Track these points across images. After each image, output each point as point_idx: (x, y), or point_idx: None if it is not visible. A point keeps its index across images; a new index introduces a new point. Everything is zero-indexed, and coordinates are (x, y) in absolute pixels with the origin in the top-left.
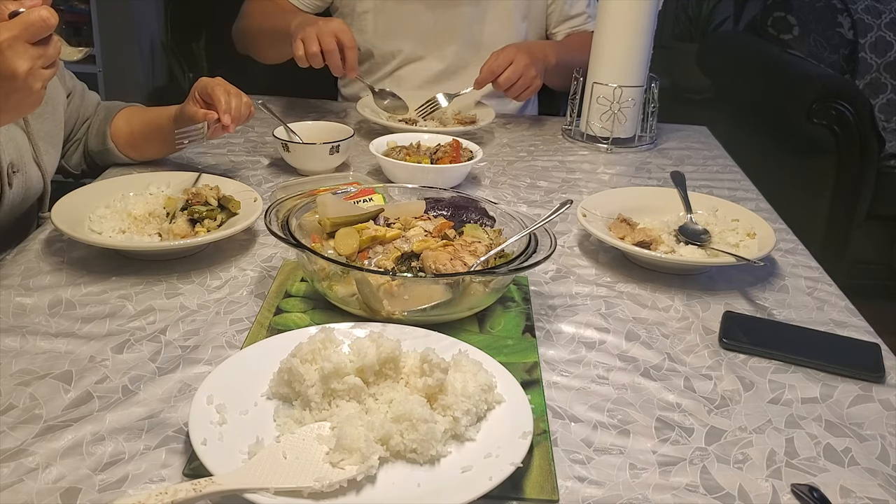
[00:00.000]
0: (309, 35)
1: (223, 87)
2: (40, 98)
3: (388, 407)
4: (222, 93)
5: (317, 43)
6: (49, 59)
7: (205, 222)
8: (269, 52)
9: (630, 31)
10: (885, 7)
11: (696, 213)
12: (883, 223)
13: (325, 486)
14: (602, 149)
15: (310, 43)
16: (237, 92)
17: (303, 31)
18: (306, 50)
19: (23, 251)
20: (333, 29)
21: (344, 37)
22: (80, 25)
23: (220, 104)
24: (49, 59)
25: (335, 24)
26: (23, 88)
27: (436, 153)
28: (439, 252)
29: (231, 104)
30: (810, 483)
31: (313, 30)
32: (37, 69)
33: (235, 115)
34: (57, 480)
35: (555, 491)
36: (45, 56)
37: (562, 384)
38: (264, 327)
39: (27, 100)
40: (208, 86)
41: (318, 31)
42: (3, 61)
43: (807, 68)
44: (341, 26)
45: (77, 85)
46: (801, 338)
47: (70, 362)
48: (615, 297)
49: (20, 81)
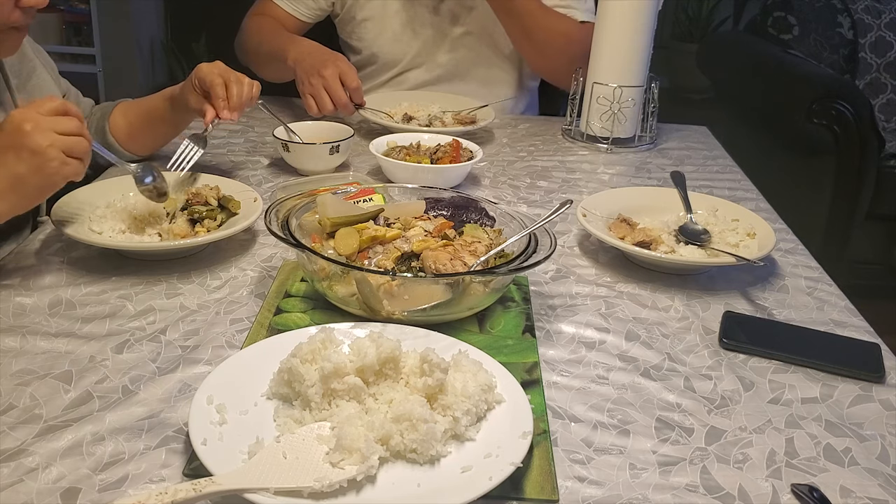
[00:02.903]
0: (317, 90)
1: (222, 76)
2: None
3: (388, 407)
4: (220, 85)
5: (329, 101)
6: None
7: (205, 222)
8: (266, 73)
9: (630, 31)
10: (885, 7)
11: (696, 213)
12: (883, 223)
13: (325, 486)
14: (602, 149)
15: (323, 103)
16: (237, 78)
17: (308, 81)
18: (321, 109)
19: (23, 251)
20: (338, 74)
21: (351, 82)
22: (80, 25)
23: (217, 99)
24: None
25: (340, 65)
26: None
27: (436, 153)
28: (439, 252)
29: (232, 92)
30: (810, 483)
31: (319, 82)
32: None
33: (236, 104)
34: (57, 480)
35: (555, 491)
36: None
37: (562, 384)
38: (264, 327)
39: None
40: (206, 77)
41: (326, 84)
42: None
43: (807, 68)
44: (344, 67)
45: (71, 89)
46: (801, 338)
47: (70, 362)
48: (615, 297)
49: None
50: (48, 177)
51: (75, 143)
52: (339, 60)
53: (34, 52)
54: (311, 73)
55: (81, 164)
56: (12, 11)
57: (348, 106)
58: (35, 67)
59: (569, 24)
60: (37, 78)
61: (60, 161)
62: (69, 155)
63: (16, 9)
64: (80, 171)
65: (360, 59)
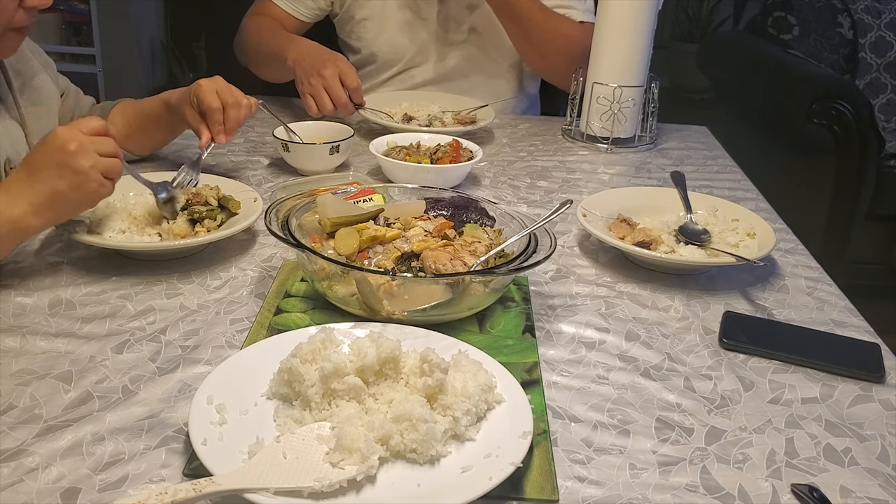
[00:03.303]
0: (317, 90)
1: (220, 97)
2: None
3: (388, 407)
4: (217, 110)
5: (329, 101)
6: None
7: (205, 222)
8: (265, 73)
9: (630, 31)
10: (885, 7)
11: (696, 213)
12: (883, 223)
13: (325, 486)
14: (602, 149)
15: (323, 103)
16: (235, 100)
17: (307, 81)
18: (320, 109)
19: (23, 251)
20: (338, 74)
21: (351, 81)
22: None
23: (213, 123)
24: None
25: (339, 65)
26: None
27: (436, 153)
28: (439, 252)
29: (229, 115)
30: (810, 483)
31: (318, 82)
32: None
33: (231, 127)
34: (57, 480)
35: (555, 491)
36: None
37: (562, 384)
38: (264, 327)
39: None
40: (204, 98)
41: (325, 84)
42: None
43: (807, 68)
44: (344, 67)
45: (71, 87)
46: (801, 338)
47: (70, 362)
48: (615, 297)
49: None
50: (86, 196)
51: (112, 164)
52: (339, 60)
53: (32, 53)
54: (311, 73)
55: (113, 185)
56: (16, 12)
57: (348, 106)
58: (37, 70)
59: (569, 24)
60: (38, 80)
61: (99, 183)
62: (105, 176)
63: (19, 9)
64: (112, 191)
65: (359, 59)
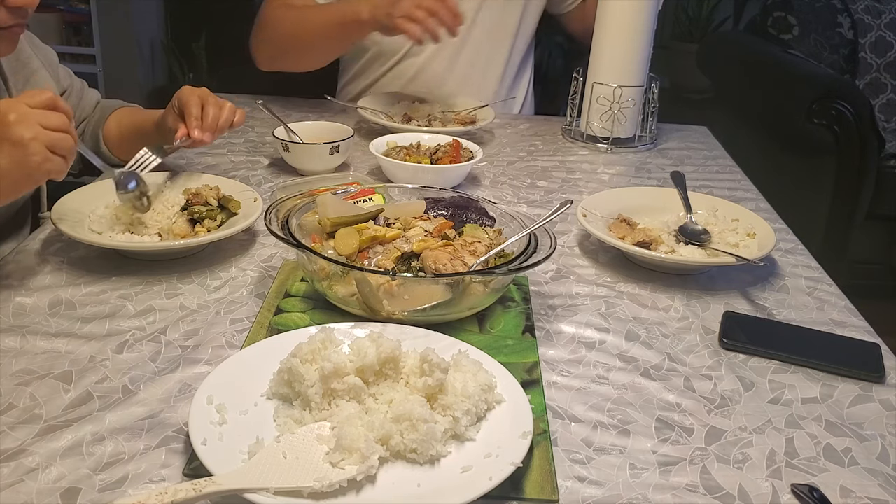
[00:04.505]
0: (413, 13)
1: (200, 98)
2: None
3: (388, 407)
4: (195, 105)
5: (429, 17)
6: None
7: (205, 222)
8: (309, 58)
9: (630, 31)
10: (885, 7)
11: (696, 213)
12: (883, 223)
13: (325, 486)
14: (602, 149)
15: (425, 20)
16: (217, 102)
17: (397, 13)
18: (427, 28)
19: (23, 251)
20: None
21: None
22: (80, 25)
23: (190, 118)
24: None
25: None
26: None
27: (436, 153)
28: (439, 252)
29: (208, 113)
30: (810, 483)
31: (409, 3)
32: (41, 134)
33: (210, 126)
34: (57, 480)
35: (555, 491)
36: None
37: (562, 384)
38: (264, 327)
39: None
40: (184, 98)
41: (430, 7)
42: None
43: (807, 68)
44: None
45: (75, 83)
46: (801, 338)
47: (70, 362)
48: (615, 297)
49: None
50: (29, 171)
51: (60, 139)
52: None
53: (34, 49)
54: (409, 5)
55: (64, 162)
56: None
57: (459, 16)
58: (35, 69)
59: None
60: (37, 78)
61: (43, 156)
62: (53, 151)
63: (1, 7)
64: (62, 168)
65: (360, 45)
